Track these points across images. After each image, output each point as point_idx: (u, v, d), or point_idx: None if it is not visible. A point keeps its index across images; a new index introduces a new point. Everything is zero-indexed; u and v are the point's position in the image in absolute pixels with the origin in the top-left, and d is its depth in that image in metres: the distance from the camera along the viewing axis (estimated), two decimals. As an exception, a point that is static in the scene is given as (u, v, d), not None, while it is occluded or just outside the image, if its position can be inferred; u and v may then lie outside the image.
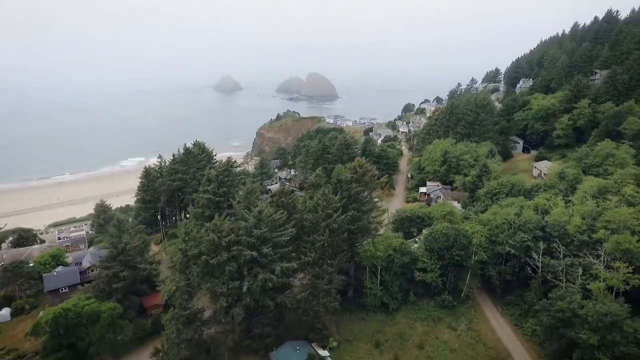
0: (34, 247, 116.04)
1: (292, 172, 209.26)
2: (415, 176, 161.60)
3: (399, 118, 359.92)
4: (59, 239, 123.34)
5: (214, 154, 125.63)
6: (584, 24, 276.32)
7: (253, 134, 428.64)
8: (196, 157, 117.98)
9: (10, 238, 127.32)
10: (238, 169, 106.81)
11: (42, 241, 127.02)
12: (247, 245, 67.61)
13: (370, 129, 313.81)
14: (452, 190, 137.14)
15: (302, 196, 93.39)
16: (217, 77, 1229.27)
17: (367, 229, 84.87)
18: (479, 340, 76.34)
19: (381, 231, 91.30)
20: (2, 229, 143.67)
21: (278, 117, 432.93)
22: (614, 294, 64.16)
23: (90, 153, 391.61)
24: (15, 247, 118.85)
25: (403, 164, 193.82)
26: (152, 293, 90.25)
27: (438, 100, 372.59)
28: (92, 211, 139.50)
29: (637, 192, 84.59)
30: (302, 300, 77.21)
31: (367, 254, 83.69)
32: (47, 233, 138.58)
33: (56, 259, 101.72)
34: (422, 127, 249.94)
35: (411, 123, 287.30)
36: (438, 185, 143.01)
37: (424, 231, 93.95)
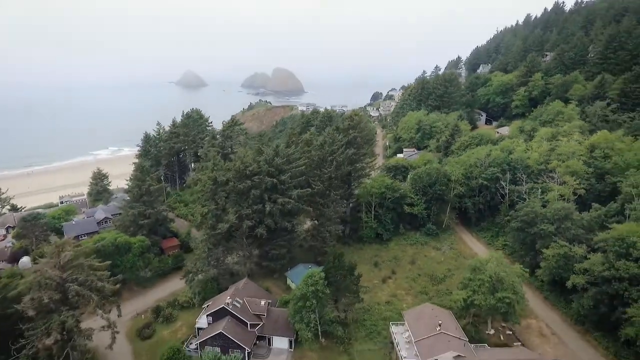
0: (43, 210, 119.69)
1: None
2: (392, 146, 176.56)
3: (369, 105, 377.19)
4: (60, 202, 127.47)
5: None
6: (535, 16, 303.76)
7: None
8: (196, 121, 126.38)
9: (8, 206, 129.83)
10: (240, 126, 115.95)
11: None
12: (267, 174, 78.41)
13: (343, 114, 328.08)
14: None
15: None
16: (179, 73, 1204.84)
17: (363, 169, 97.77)
18: (460, 255, 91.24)
19: (373, 175, 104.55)
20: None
21: (250, 107, 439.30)
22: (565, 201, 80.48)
23: (59, 145, 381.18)
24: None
25: (379, 140, 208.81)
26: (168, 237, 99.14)
27: (404, 88, 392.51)
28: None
29: (583, 139, 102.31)
30: (312, 228, 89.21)
31: (364, 190, 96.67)
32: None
33: (69, 214, 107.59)
34: (392, 110, 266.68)
35: (381, 108, 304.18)
36: (414, 151, 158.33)
37: (409, 175, 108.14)
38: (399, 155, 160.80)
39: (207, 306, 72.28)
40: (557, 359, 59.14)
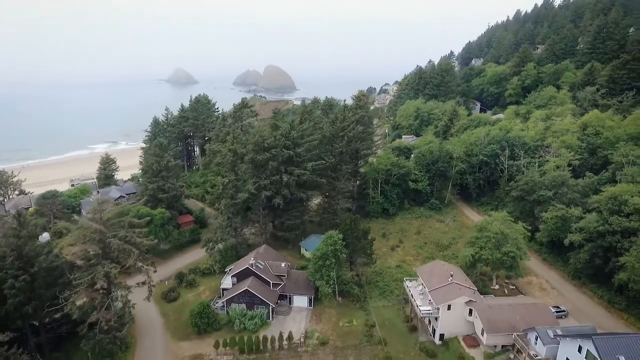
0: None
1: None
2: (390, 134, 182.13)
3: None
4: (72, 185, 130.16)
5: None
6: (526, 11, 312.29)
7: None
8: (205, 105, 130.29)
9: (17, 191, 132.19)
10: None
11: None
12: (284, 147, 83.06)
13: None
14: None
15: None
16: (170, 70, 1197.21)
17: (369, 147, 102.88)
18: (462, 226, 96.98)
19: (379, 153, 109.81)
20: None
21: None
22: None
23: (54, 140, 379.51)
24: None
25: (376, 129, 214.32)
26: (184, 213, 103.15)
27: (398, 83, 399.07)
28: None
29: (575, 119, 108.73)
30: (323, 201, 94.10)
31: (371, 167, 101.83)
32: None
33: (84, 193, 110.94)
34: (387, 102, 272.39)
35: (377, 101, 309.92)
36: (413, 137, 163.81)
37: (413, 154, 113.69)
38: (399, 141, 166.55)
39: (230, 269, 76.82)
40: (557, 305, 64.82)
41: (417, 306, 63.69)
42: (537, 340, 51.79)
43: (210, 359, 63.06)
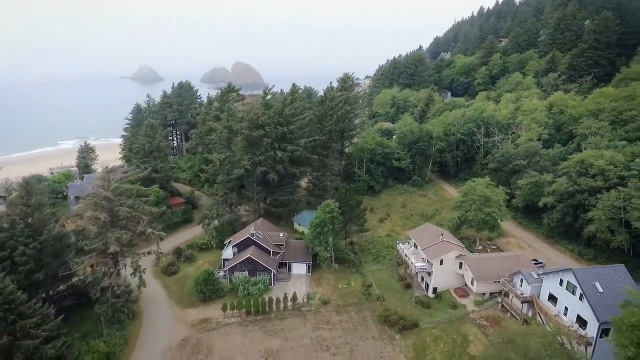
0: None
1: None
2: (368, 122, 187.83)
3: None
4: (51, 173, 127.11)
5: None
6: (489, 8, 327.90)
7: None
8: (189, 90, 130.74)
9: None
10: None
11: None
12: (277, 124, 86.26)
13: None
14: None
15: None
16: (134, 67, 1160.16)
17: (354, 129, 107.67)
18: (444, 199, 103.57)
19: (363, 134, 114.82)
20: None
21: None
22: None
23: (17, 137, 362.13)
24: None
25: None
26: (175, 195, 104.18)
27: (368, 78, 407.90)
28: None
29: (542, 100, 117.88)
30: (315, 178, 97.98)
31: (358, 146, 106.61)
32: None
33: (68, 178, 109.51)
34: (360, 93, 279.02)
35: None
36: (389, 124, 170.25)
37: (395, 135, 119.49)
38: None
39: (230, 241, 79.41)
40: (535, 258, 71.77)
41: (412, 264, 68.91)
42: (522, 282, 57.96)
43: (218, 321, 65.61)
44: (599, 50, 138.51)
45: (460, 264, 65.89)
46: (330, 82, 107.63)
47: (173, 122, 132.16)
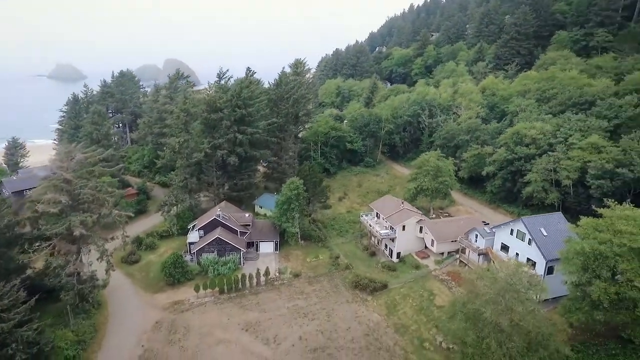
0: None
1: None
2: (315, 110, 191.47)
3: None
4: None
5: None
6: (418, 5, 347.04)
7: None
8: (131, 79, 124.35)
9: None
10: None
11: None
12: (236, 106, 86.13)
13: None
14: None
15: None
16: (51, 65, 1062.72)
17: (309, 113, 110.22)
18: (395, 177, 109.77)
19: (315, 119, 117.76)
20: None
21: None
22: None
23: None
24: None
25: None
26: (126, 186, 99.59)
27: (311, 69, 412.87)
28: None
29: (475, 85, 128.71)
30: (274, 162, 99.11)
31: (312, 130, 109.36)
32: None
33: (2, 174, 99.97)
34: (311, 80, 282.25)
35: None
36: (338, 111, 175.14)
37: (345, 120, 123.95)
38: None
39: (194, 225, 78.33)
40: (483, 220, 79.43)
41: (377, 232, 73.15)
42: (477, 237, 64.43)
43: (192, 302, 65.02)
44: (519, 41, 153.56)
45: (421, 228, 71.32)
46: (283, 68, 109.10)
47: (112, 111, 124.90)
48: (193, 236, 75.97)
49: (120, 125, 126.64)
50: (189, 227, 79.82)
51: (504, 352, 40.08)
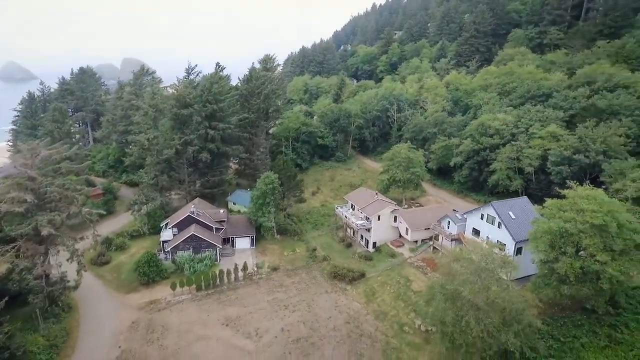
0: None
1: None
2: (284, 107, 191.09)
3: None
4: None
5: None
6: (381, 4, 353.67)
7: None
8: (92, 76, 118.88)
9: None
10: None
11: None
12: (206, 101, 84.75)
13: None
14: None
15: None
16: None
17: (279, 109, 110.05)
18: (366, 171, 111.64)
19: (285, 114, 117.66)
20: None
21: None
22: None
23: None
24: None
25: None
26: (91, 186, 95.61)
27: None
28: None
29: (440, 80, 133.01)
30: (246, 158, 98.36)
31: (283, 126, 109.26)
32: None
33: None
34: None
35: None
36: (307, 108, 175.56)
37: (315, 115, 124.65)
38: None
39: (167, 223, 76.51)
40: (454, 209, 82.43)
41: (352, 222, 74.34)
42: (449, 224, 66.92)
43: (169, 301, 63.59)
44: (478, 39, 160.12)
45: (395, 217, 73.17)
46: (253, 63, 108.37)
47: (74, 110, 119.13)
48: (167, 234, 74.21)
49: (82, 124, 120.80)
50: (161, 226, 77.93)
51: (481, 328, 42.04)
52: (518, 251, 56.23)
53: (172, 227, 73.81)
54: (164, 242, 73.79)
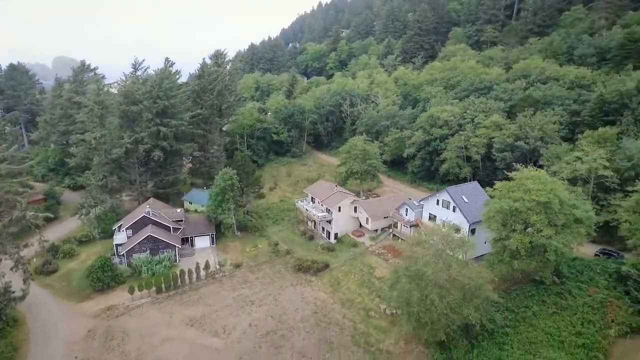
0: None
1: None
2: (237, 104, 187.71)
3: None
4: None
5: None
6: (327, 2, 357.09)
7: None
8: (25, 73, 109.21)
9: None
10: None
11: None
12: (157, 97, 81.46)
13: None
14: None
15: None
16: None
17: (232, 106, 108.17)
18: (322, 166, 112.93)
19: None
20: None
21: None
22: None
23: None
24: None
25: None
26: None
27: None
28: None
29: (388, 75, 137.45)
30: (201, 156, 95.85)
31: (237, 123, 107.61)
32: None
33: None
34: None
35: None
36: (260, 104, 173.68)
37: (269, 111, 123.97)
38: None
39: (120, 225, 72.76)
40: (409, 197, 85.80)
41: (314, 215, 75.05)
42: (407, 211, 69.63)
43: (127, 305, 60.68)
44: (422, 37, 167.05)
45: (355, 208, 74.86)
46: (204, 58, 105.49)
47: (5, 110, 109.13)
48: (120, 237, 70.62)
49: (15, 125, 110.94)
50: (113, 229, 73.92)
51: (445, 305, 44.48)
52: (472, 232, 59.79)
53: (126, 229, 70.30)
54: (118, 245, 70.16)
